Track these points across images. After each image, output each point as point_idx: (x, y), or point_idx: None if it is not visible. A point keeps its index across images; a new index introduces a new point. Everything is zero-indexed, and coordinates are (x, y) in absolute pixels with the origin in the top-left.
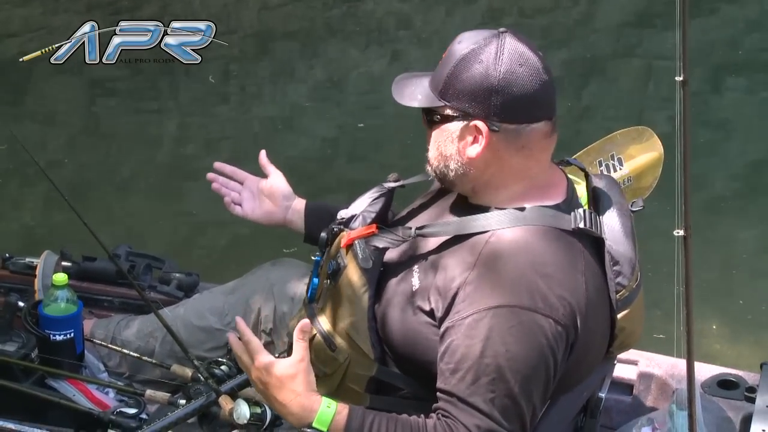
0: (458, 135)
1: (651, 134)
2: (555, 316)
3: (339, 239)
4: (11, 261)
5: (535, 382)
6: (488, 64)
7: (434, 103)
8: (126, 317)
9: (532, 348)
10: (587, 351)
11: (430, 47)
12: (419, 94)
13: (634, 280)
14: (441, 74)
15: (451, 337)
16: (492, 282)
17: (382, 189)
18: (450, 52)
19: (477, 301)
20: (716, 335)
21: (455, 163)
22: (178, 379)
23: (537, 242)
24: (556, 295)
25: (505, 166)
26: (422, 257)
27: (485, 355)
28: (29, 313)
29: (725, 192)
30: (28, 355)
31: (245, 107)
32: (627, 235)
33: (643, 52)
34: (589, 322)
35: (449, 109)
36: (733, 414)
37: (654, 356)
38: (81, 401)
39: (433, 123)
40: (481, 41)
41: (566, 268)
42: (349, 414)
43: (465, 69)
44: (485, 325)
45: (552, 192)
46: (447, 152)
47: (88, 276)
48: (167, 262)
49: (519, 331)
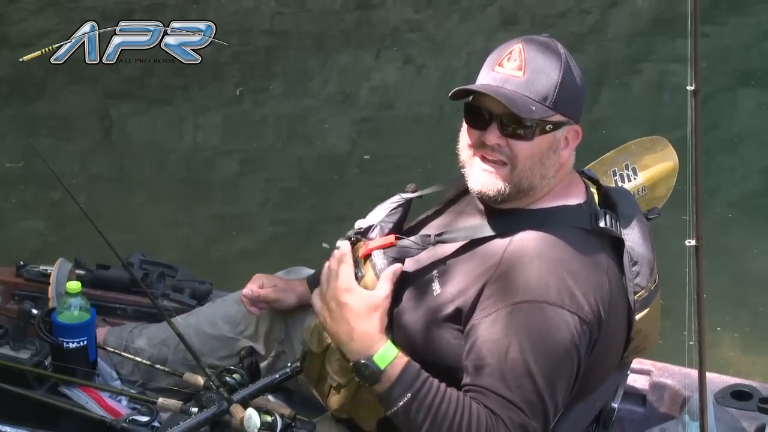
0: (559, 141)
1: (666, 144)
2: (581, 312)
3: (357, 249)
4: (26, 269)
5: (560, 378)
6: (577, 71)
7: (549, 113)
8: (139, 325)
9: (558, 343)
10: (607, 350)
11: (442, 54)
12: (531, 105)
13: (653, 282)
14: (546, 84)
15: (476, 335)
16: (517, 279)
17: (400, 199)
18: (539, 63)
19: (503, 298)
20: (730, 345)
21: (553, 170)
22: (190, 387)
23: (560, 240)
24: (582, 291)
25: (566, 165)
26: (441, 262)
27: (511, 350)
28: (43, 321)
29: (739, 202)
30: (41, 362)
31: (259, 114)
32: (645, 238)
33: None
34: (611, 320)
35: (560, 116)
36: (747, 424)
37: (667, 366)
38: (94, 409)
39: (542, 133)
40: (559, 49)
41: (591, 265)
42: (408, 363)
43: (571, 76)
44: (511, 320)
45: (575, 191)
46: (549, 161)
47: (101, 284)
48: (180, 271)
49: (545, 326)
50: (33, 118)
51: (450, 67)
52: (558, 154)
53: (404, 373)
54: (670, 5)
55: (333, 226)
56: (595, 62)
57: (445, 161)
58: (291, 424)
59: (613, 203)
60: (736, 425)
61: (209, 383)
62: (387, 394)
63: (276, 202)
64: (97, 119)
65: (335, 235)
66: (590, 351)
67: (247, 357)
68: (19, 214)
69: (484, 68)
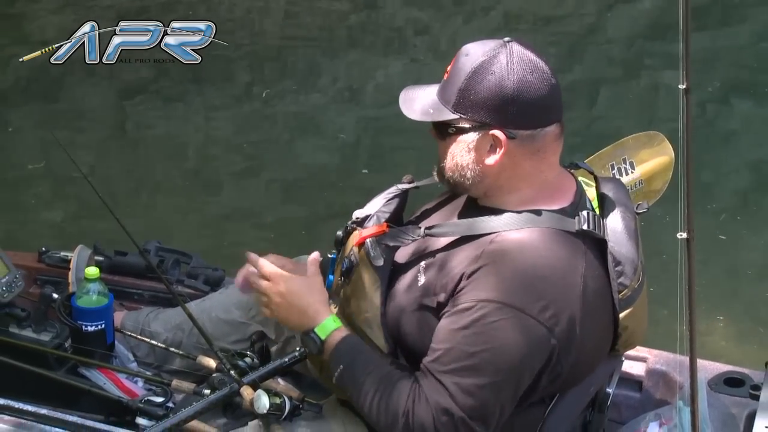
0: (475, 145)
1: (662, 139)
2: (542, 319)
3: (352, 237)
4: (47, 255)
5: (507, 380)
6: (501, 75)
7: (447, 116)
8: (155, 310)
9: (513, 346)
10: (585, 351)
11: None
12: (430, 108)
13: (636, 281)
14: (452, 87)
15: (442, 321)
16: (490, 277)
17: (396, 190)
18: (458, 65)
19: (472, 293)
20: (723, 334)
21: (471, 172)
22: (203, 369)
23: (540, 244)
24: (548, 299)
25: (519, 170)
26: (430, 255)
27: (466, 342)
28: (63, 305)
29: (732, 197)
30: (61, 344)
31: (268, 110)
32: (630, 237)
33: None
34: (587, 323)
35: (465, 121)
36: (738, 411)
37: (662, 354)
38: (111, 389)
39: (447, 135)
40: (490, 52)
41: (565, 271)
42: (346, 336)
43: (478, 81)
44: (473, 314)
45: (560, 196)
46: (463, 162)
47: (119, 270)
48: (195, 258)
49: (504, 328)
50: (52, 114)
51: None
52: (476, 157)
53: (340, 345)
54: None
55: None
56: (594, 62)
57: None
58: (299, 406)
59: (604, 196)
60: (729, 411)
61: (221, 366)
62: (328, 365)
63: (285, 194)
64: (113, 115)
65: (340, 224)
66: (566, 353)
67: (258, 341)
68: (40, 204)
69: None
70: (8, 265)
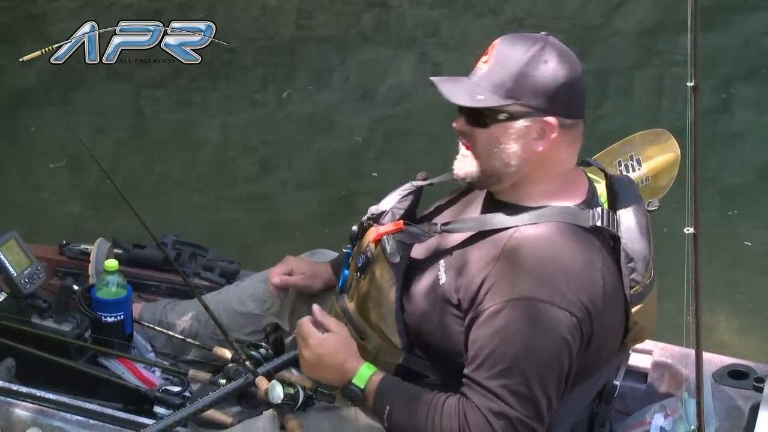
0: (525, 131)
1: (669, 136)
2: (572, 309)
3: (368, 233)
4: (68, 247)
5: (550, 372)
6: (554, 63)
7: (499, 102)
8: (172, 302)
9: (549, 339)
10: (604, 344)
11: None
12: (478, 94)
13: (648, 277)
14: (502, 74)
15: (473, 328)
16: (513, 275)
17: (411, 187)
18: (505, 53)
19: (498, 293)
20: (727, 327)
21: (517, 159)
22: (219, 360)
23: (558, 239)
24: (573, 290)
25: (555, 159)
26: (447, 252)
27: (503, 344)
28: (83, 296)
29: (737, 193)
30: (81, 335)
31: (282, 107)
32: (642, 233)
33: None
34: (606, 316)
35: (519, 106)
36: (742, 402)
37: (668, 346)
38: (129, 379)
39: (495, 122)
40: (538, 42)
41: (585, 264)
42: (383, 378)
43: (534, 67)
44: (505, 315)
45: (575, 191)
46: (510, 149)
47: (137, 262)
48: (211, 251)
49: (537, 322)
50: (73, 112)
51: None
52: (526, 143)
53: (381, 388)
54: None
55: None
56: (602, 59)
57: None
58: (312, 395)
59: (616, 193)
60: (733, 403)
61: (236, 357)
62: (374, 410)
63: (299, 189)
64: (130, 113)
65: (352, 220)
66: (586, 346)
67: (273, 333)
68: (61, 199)
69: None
70: (30, 257)
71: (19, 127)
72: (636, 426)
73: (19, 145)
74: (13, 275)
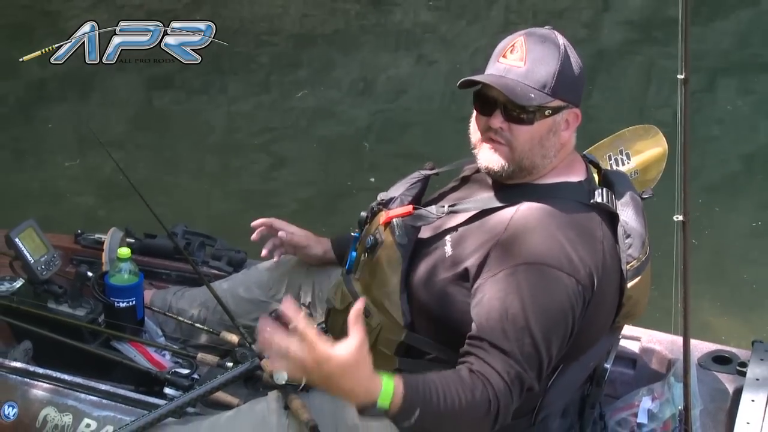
0: (559, 125)
1: (657, 132)
2: (576, 275)
3: (378, 217)
4: (82, 237)
5: (555, 334)
6: (575, 56)
7: (547, 100)
8: (182, 289)
9: (556, 302)
10: (598, 312)
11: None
12: (530, 93)
13: (644, 253)
14: (542, 71)
15: (482, 292)
16: (520, 244)
17: (419, 175)
18: (540, 50)
19: (507, 259)
20: (712, 314)
21: (553, 150)
22: (226, 344)
23: (562, 212)
24: (578, 256)
25: (568, 144)
26: (454, 229)
27: (513, 307)
28: (97, 283)
29: (721, 183)
30: (95, 319)
31: (287, 100)
32: (638, 214)
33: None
34: (603, 285)
35: (559, 101)
36: (726, 386)
37: (655, 333)
38: (141, 362)
39: (541, 118)
40: (558, 39)
41: (587, 234)
42: (405, 386)
43: (568, 63)
44: (514, 279)
45: (576, 169)
46: (548, 142)
47: (148, 251)
48: (219, 241)
49: (545, 286)
50: (87, 108)
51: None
52: (558, 135)
53: (406, 397)
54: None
55: (352, 200)
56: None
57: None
58: None
59: (611, 183)
60: (717, 386)
61: (243, 341)
62: (401, 418)
63: (302, 180)
64: (141, 107)
65: (354, 207)
66: (584, 311)
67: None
68: (75, 191)
69: (491, 60)
70: (47, 245)
71: (37, 120)
72: (625, 409)
73: (36, 139)
74: (30, 262)
